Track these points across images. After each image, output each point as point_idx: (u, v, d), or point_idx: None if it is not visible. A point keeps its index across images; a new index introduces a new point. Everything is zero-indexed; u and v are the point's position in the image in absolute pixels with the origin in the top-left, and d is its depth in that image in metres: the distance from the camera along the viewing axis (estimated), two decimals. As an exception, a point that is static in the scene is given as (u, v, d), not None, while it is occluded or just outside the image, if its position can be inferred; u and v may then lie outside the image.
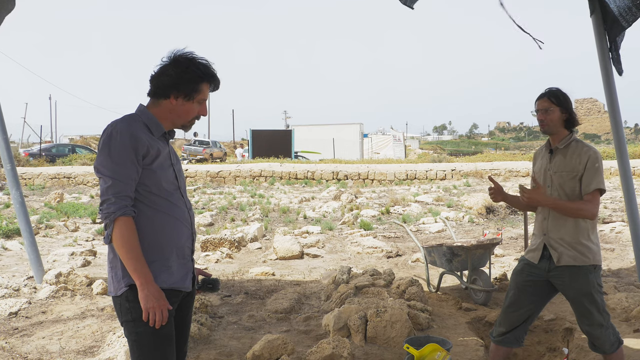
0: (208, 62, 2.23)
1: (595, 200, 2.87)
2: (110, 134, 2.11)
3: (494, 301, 5.17)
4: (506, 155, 32.32)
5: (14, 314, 4.91)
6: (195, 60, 2.20)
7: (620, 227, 8.87)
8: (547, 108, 2.97)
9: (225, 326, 4.59)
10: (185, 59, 2.19)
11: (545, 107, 2.97)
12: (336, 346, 3.61)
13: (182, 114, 2.25)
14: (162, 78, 2.19)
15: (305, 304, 5.25)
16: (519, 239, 8.61)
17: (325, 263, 7.31)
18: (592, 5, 4.90)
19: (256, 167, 21.53)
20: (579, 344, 3.93)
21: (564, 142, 2.99)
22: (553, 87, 3.03)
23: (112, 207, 2.06)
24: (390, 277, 5.53)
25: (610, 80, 4.95)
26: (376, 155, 36.07)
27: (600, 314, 2.92)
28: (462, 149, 57.40)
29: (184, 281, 2.25)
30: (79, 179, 20.57)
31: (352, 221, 10.67)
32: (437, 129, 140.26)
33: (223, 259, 7.54)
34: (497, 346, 3.18)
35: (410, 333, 4.02)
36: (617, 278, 5.76)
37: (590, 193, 2.87)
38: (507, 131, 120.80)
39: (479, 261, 5.21)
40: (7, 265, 7.07)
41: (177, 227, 2.22)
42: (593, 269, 2.93)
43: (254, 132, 33.16)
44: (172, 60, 2.19)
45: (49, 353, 4.02)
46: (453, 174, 19.80)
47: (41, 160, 25.30)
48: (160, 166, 2.19)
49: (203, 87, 2.22)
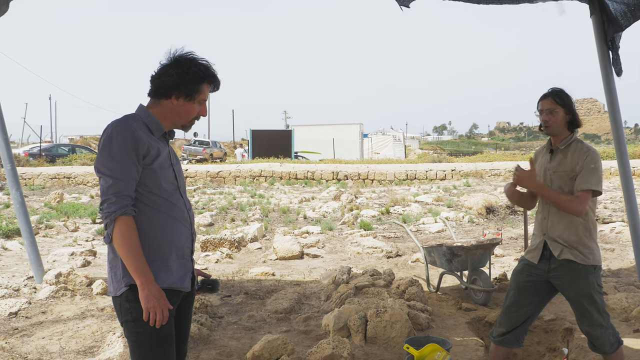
0: (209, 62, 2.25)
1: (585, 198, 2.82)
2: (111, 133, 2.11)
3: (494, 301, 5.17)
4: (506, 155, 32.33)
5: (13, 314, 4.91)
6: (196, 60, 2.21)
7: (620, 227, 8.87)
8: (552, 109, 2.92)
9: (225, 326, 4.59)
10: (187, 60, 2.19)
11: (549, 108, 2.93)
12: (336, 346, 3.61)
13: (182, 114, 2.26)
14: (164, 78, 2.19)
15: (305, 304, 5.25)
16: (519, 239, 8.61)
17: (325, 263, 7.31)
18: (593, 7, 4.93)
19: (256, 167, 21.53)
20: (579, 344, 3.93)
21: (565, 142, 2.97)
22: (556, 87, 2.98)
23: (113, 206, 2.06)
24: (390, 277, 5.53)
25: (610, 81, 4.97)
26: (376, 155, 36.07)
27: (600, 314, 2.92)
28: (462, 149, 57.38)
29: (183, 281, 2.25)
30: (78, 179, 20.58)
31: (352, 221, 10.67)
32: (437, 129, 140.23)
33: (223, 259, 7.54)
34: (497, 346, 3.18)
35: (410, 333, 4.02)
36: (617, 278, 5.76)
37: (582, 191, 2.83)
38: (507, 131, 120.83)
39: (478, 261, 5.22)
40: (7, 266, 7.07)
41: (177, 227, 2.22)
42: (593, 269, 2.92)
43: (254, 132, 33.19)
44: (173, 61, 2.20)
45: (49, 353, 4.02)
46: (453, 174, 19.81)
47: (41, 160, 25.29)
48: (160, 166, 2.19)
49: (204, 87, 2.24)
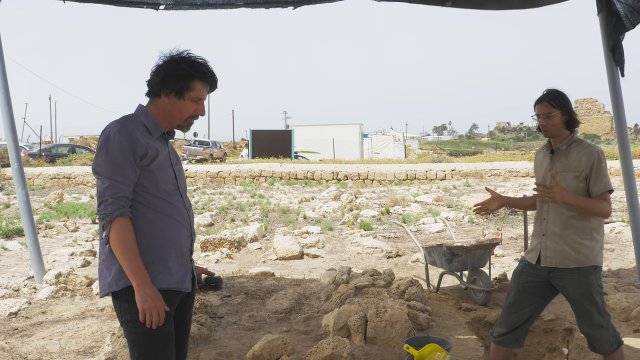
0: (204, 60, 2.21)
1: (609, 199, 2.91)
2: (108, 135, 2.11)
3: (494, 301, 5.17)
4: (506, 155, 32.28)
5: (13, 314, 4.91)
6: (187, 57, 2.19)
7: (620, 227, 8.87)
8: (549, 113, 2.91)
9: (225, 326, 4.59)
10: (178, 57, 2.18)
11: (545, 112, 2.92)
12: (336, 346, 3.61)
13: (175, 112, 2.23)
14: (153, 76, 2.20)
15: (305, 304, 5.25)
16: (518, 239, 8.61)
17: (325, 263, 7.31)
18: (600, 4, 4.87)
19: (256, 167, 21.53)
20: (579, 344, 3.93)
21: (566, 142, 2.97)
22: (550, 89, 2.97)
23: (110, 207, 2.05)
24: (390, 277, 5.53)
25: (615, 79, 4.93)
26: (376, 155, 36.07)
27: (601, 314, 2.91)
28: (462, 149, 57.34)
29: (183, 282, 2.25)
30: (78, 179, 20.57)
31: (352, 221, 10.67)
32: (437, 129, 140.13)
33: (223, 259, 7.53)
34: (497, 346, 3.18)
35: (410, 333, 4.02)
36: (617, 278, 5.76)
37: (603, 193, 2.88)
38: (507, 131, 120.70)
39: (478, 261, 5.22)
40: (7, 265, 7.07)
41: (176, 228, 2.22)
42: (594, 269, 2.92)
43: (254, 132, 33.19)
44: (165, 59, 2.19)
45: (49, 353, 4.02)
46: (453, 174, 19.81)
47: (41, 160, 25.28)
48: (159, 167, 2.19)
49: (195, 85, 2.19)
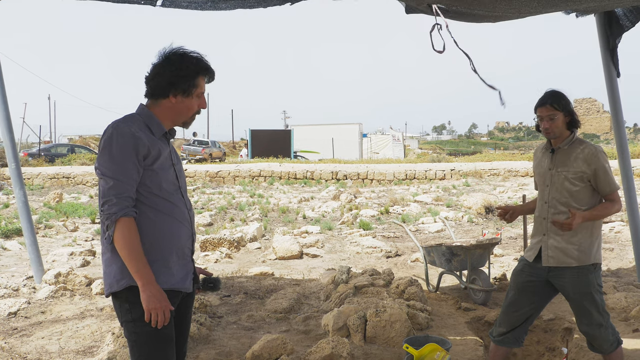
0: (200, 54, 2.22)
1: (618, 197, 2.98)
2: (111, 134, 2.10)
3: (494, 301, 5.17)
4: (505, 155, 32.34)
5: (13, 314, 4.91)
6: (187, 55, 2.19)
7: (619, 227, 8.88)
8: (552, 116, 2.92)
9: (225, 326, 4.59)
10: (178, 56, 2.18)
11: (548, 115, 2.92)
12: (335, 346, 3.61)
13: (183, 111, 2.24)
14: (158, 78, 2.18)
15: (305, 304, 5.25)
16: (518, 239, 8.61)
17: (325, 263, 7.31)
18: None
19: (255, 167, 21.52)
20: (578, 343, 3.93)
21: (567, 142, 2.98)
22: (552, 90, 2.97)
23: (114, 207, 2.05)
24: (389, 277, 5.53)
25: (612, 79, 4.94)
26: (375, 155, 36.08)
27: (600, 314, 2.92)
28: (462, 149, 57.35)
29: (184, 282, 2.25)
30: (78, 179, 20.55)
31: (352, 221, 10.67)
32: (436, 129, 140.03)
33: (222, 259, 7.53)
34: (496, 346, 3.18)
35: (409, 333, 4.02)
36: (616, 278, 5.76)
37: (612, 193, 2.94)
38: (507, 131, 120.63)
39: (478, 261, 5.22)
40: (7, 265, 7.07)
41: (178, 228, 2.22)
42: (593, 268, 2.93)
43: (254, 132, 33.19)
44: (164, 59, 2.18)
45: (48, 353, 4.02)
46: (452, 174, 19.82)
47: (40, 160, 25.26)
48: (161, 167, 2.19)
49: (199, 81, 2.21)
